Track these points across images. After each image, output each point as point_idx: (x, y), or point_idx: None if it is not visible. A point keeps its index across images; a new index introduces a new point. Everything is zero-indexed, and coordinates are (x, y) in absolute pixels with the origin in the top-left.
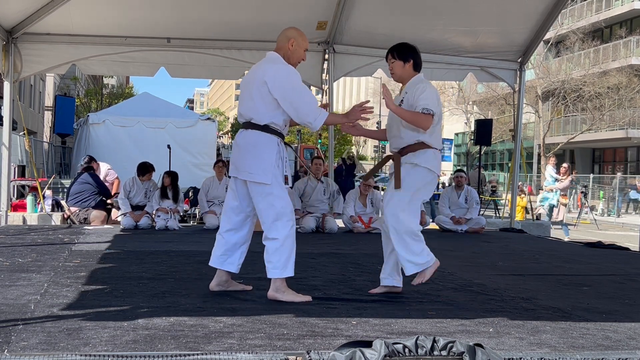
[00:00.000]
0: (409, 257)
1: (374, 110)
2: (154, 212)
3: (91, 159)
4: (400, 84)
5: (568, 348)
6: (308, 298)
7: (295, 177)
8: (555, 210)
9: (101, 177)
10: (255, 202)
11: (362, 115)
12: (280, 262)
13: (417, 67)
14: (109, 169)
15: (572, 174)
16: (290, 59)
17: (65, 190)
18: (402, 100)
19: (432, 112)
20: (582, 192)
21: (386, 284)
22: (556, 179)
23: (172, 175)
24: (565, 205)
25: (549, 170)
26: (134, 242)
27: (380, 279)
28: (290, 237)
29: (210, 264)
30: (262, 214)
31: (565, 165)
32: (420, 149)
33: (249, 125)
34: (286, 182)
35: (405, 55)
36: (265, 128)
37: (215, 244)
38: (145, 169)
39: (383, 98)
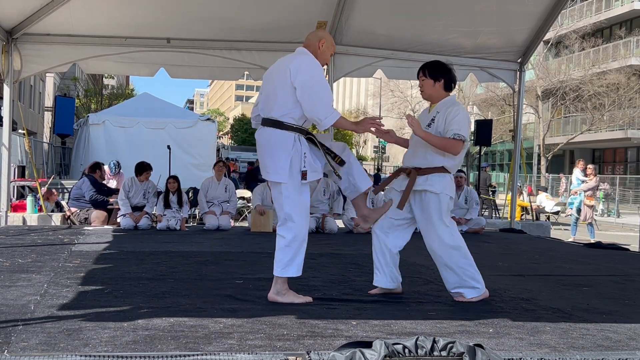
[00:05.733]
0: (472, 282)
1: (374, 113)
2: (153, 212)
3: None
4: (430, 102)
5: (568, 348)
6: (308, 299)
7: None
8: (582, 212)
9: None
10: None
11: (371, 128)
12: (282, 262)
13: (449, 87)
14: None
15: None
16: (318, 57)
17: (65, 190)
18: (432, 119)
19: (464, 139)
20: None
21: (391, 287)
22: (582, 181)
23: (178, 180)
24: (590, 207)
25: (576, 173)
26: (133, 242)
27: (383, 285)
28: (298, 240)
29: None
30: (277, 211)
31: (591, 166)
32: (439, 172)
33: (265, 122)
34: (304, 178)
35: (436, 74)
36: (279, 124)
37: None
38: (142, 168)
39: (410, 126)
